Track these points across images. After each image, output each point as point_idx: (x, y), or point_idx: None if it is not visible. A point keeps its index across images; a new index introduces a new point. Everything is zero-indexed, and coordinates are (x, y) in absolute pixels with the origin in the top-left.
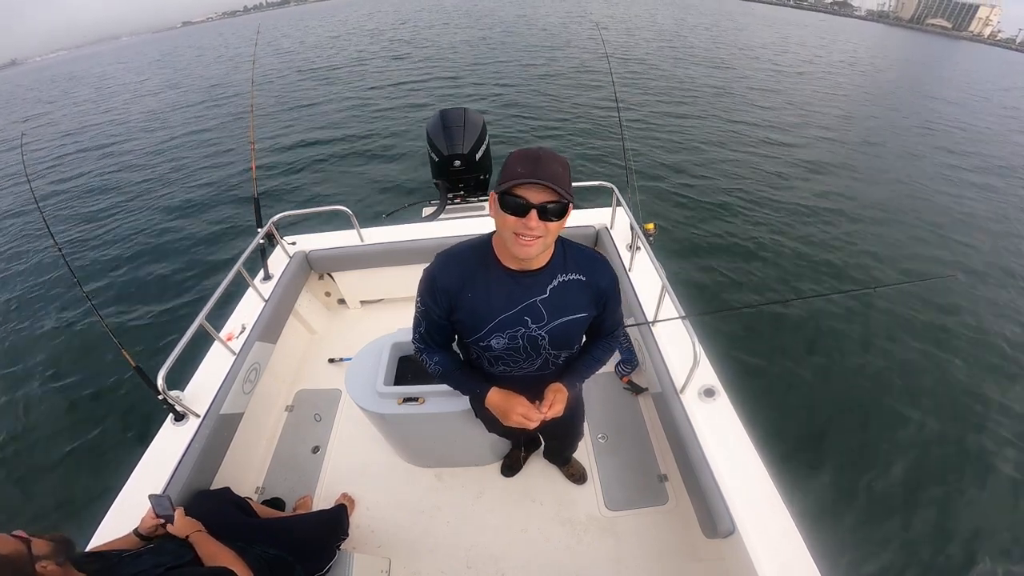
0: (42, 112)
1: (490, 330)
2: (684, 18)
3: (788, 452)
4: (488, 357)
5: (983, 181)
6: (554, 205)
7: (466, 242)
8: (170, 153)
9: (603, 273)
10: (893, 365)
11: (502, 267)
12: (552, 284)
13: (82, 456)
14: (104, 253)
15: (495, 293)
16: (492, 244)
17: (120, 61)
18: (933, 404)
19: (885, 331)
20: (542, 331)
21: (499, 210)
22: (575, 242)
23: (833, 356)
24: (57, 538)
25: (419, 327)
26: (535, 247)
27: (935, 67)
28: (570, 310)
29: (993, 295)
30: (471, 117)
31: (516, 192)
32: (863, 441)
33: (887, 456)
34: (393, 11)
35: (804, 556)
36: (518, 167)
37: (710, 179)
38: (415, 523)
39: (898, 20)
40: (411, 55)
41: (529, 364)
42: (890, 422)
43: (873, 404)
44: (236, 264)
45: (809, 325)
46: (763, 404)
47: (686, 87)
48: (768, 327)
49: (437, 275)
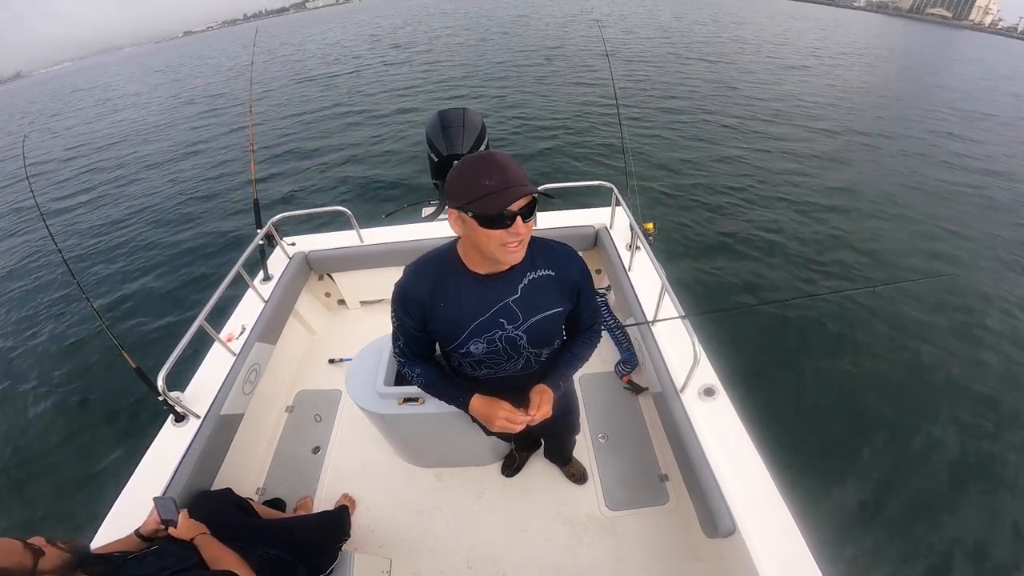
0: (48, 118)
1: (467, 336)
2: (684, 13)
3: (788, 449)
4: (470, 362)
5: (988, 172)
6: (530, 205)
7: (431, 252)
8: (170, 155)
9: (573, 265)
10: (893, 364)
11: (471, 273)
12: (522, 283)
13: (83, 457)
14: (104, 255)
15: (467, 299)
16: (457, 251)
17: (120, 72)
18: (933, 403)
19: (885, 331)
20: (519, 331)
21: (477, 228)
22: (540, 238)
23: (833, 356)
24: (73, 547)
25: (398, 341)
26: (522, 249)
27: (937, 56)
28: (544, 307)
29: (996, 292)
30: (470, 117)
31: (507, 208)
32: (864, 439)
33: (888, 456)
34: (392, 15)
35: (805, 556)
36: (484, 180)
37: (710, 178)
38: (415, 523)
39: (897, 10)
40: (411, 60)
41: (511, 365)
42: (891, 421)
43: (873, 403)
44: (236, 265)
45: (809, 325)
46: (763, 404)
47: (686, 85)
48: (768, 327)
49: (408, 287)
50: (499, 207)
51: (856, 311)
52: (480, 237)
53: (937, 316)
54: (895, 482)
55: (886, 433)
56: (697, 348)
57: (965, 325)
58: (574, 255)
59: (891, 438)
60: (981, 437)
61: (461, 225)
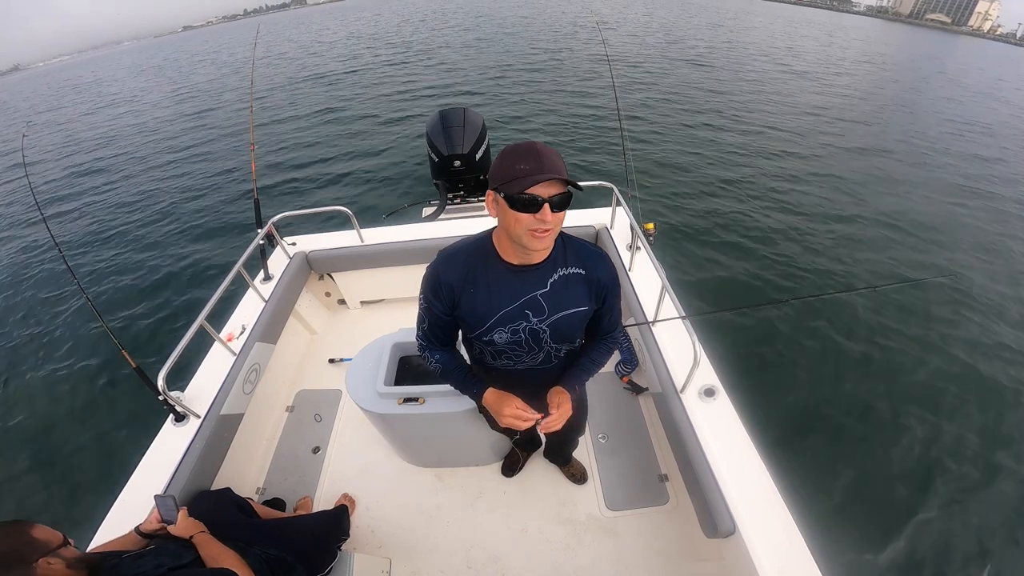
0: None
1: (492, 325)
2: (688, 18)
3: (788, 450)
4: (491, 351)
5: (993, 182)
6: (562, 196)
7: (467, 239)
8: (170, 154)
9: (603, 267)
10: (893, 364)
11: (503, 262)
12: (553, 278)
13: (82, 456)
14: (103, 254)
15: (496, 288)
16: (492, 240)
17: (120, 66)
18: (933, 402)
19: (886, 330)
20: (543, 325)
21: (507, 209)
22: (575, 236)
23: (834, 355)
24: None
25: (422, 324)
26: (549, 239)
27: (939, 63)
28: (571, 303)
29: (994, 294)
30: (471, 117)
31: (527, 190)
32: (864, 439)
33: (888, 455)
34: (391, 13)
35: (805, 556)
36: (520, 164)
37: (710, 178)
38: (415, 523)
39: (897, 15)
40: (410, 62)
41: (531, 358)
42: (891, 421)
43: (874, 402)
44: (236, 265)
45: (809, 325)
46: (763, 404)
47: (688, 87)
48: (768, 327)
49: (440, 271)
50: (524, 187)
51: (856, 311)
52: (509, 220)
53: (938, 316)
54: (896, 481)
55: (886, 433)
56: (697, 348)
57: (967, 325)
58: (606, 258)
59: (891, 438)
60: (990, 438)
61: (495, 207)
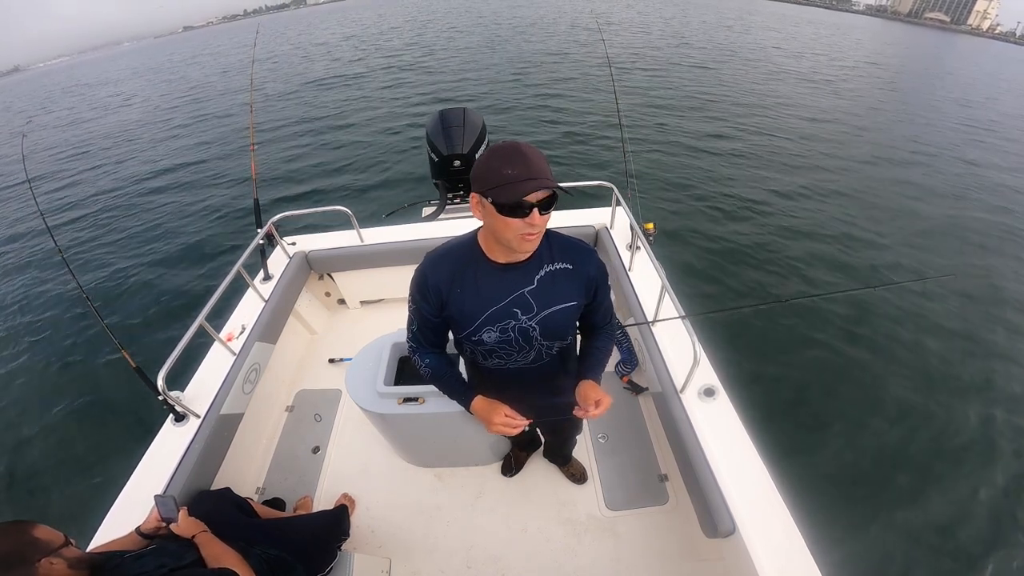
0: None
1: (480, 324)
2: (688, 20)
3: (788, 449)
4: (481, 351)
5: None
6: (549, 199)
7: (453, 240)
8: (170, 154)
9: (591, 261)
10: (893, 363)
11: (490, 261)
12: (539, 275)
13: (82, 456)
14: (103, 253)
15: (484, 287)
16: (478, 240)
17: (120, 67)
18: (933, 400)
19: (886, 330)
20: (532, 322)
21: (496, 214)
22: (558, 232)
23: (834, 355)
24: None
25: (412, 326)
26: (537, 240)
27: (940, 63)
28: (559, 299)
29: (997, 292)
30: (470, 117)
31: (515, 195)
32: (865, 438)
33: (888, 455)
34: (388, 14)
35: (805, 555)
36: (507, 169)
37: (711, 179)
38: (415, 523)
39: (896, 14)
40: (412, 65)
41: (522, 357)
42: (892, 420)
43: (874, 402)
44: (236, 265)
45: (809, 325)
46: (763, 404)
47: (688, 87)
48: (768, 327)
49: (428, 273)
50: (515, 196)
51: (856, 311)
52: (497, 224)
53: (939, 316)
54: (895, 482)
55: (887, 432)
56: (697, 348)
57: (967, 325)
58: (593, 252)
59: (892, 437)
60: (992, 434)
61: (481, 210)
